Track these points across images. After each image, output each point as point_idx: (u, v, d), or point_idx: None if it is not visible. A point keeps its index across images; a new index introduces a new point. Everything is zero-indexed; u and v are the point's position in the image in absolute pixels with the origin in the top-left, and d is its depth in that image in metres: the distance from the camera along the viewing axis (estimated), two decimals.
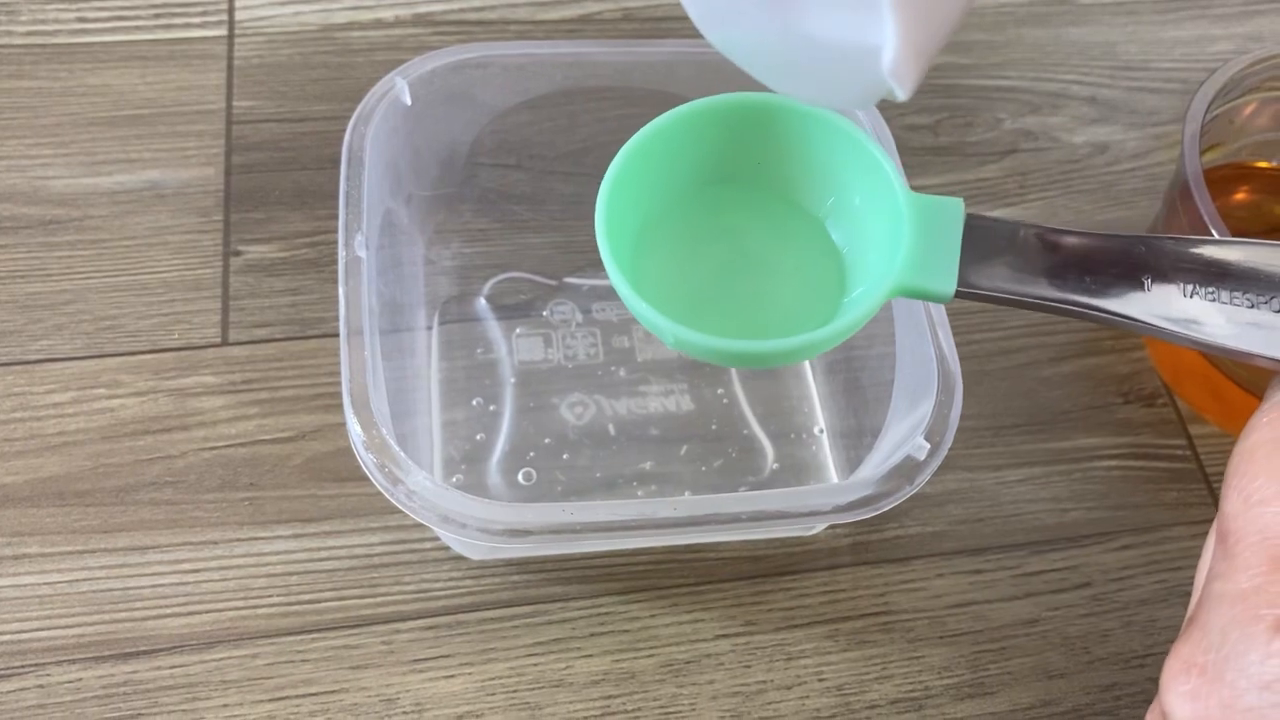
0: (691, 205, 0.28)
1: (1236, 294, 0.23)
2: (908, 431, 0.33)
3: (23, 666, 0.35)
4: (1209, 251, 0.24)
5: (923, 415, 0.32)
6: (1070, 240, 0.25)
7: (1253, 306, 0.23)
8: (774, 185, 0.28)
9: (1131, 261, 0.24)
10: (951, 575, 0.39)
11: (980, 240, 0.25)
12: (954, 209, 0.25)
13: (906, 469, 0.31)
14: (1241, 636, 0.20)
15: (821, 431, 0.41)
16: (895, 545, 0.39)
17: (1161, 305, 0.24)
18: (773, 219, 0.29)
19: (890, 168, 0.26)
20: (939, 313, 0.34)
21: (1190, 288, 0.24)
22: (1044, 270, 0.24)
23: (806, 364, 0.42)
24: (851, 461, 0.39)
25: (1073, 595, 0.39)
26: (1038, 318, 0.44)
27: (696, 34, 0.51)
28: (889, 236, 0.26)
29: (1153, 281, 0.24)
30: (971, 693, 0.37)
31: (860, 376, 0.40)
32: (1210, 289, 0.23)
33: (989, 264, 0.25)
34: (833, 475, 0.40)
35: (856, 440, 0.39)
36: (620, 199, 0.26)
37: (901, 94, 0.21)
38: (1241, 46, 0.54)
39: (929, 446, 0.32)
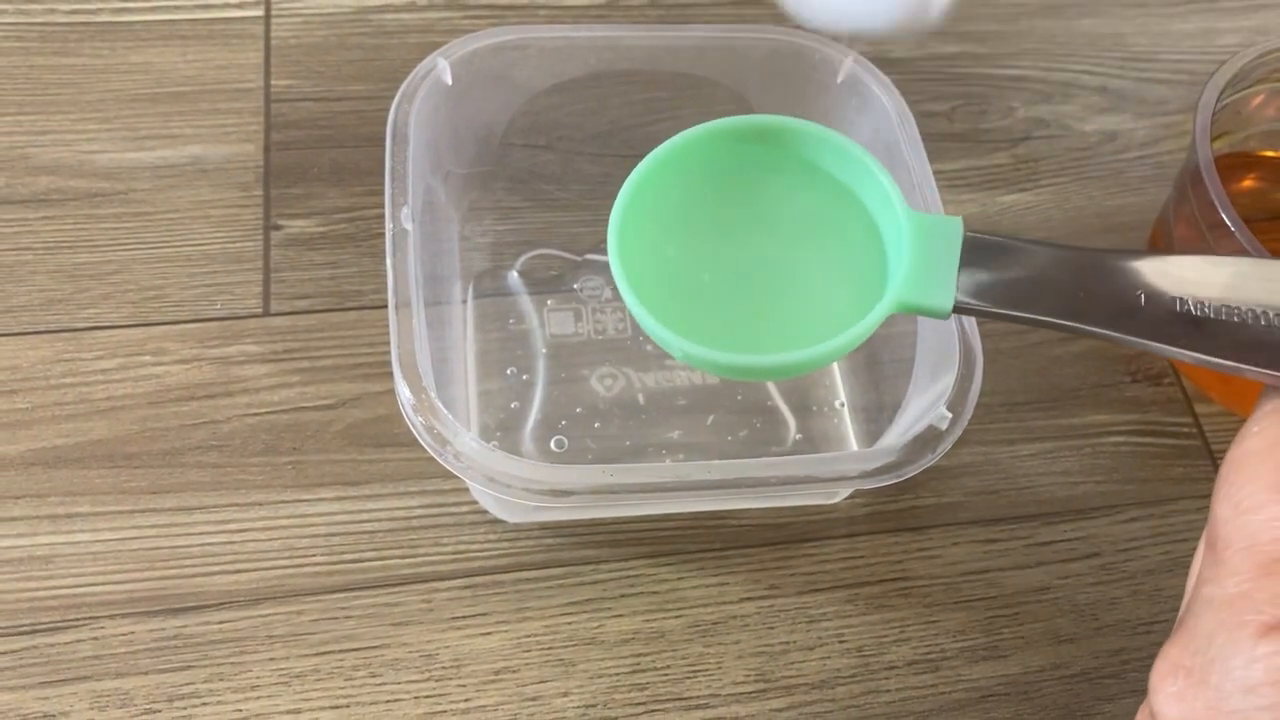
0: (715, 194, 0.29)
1: (1226, 309, 0.24)
2: (929, 403, 0.35)
3: (78, 619, 0.36)
4: (1200, 268, 0.24)
5: (944, 388, 0.34)
6: (1065, 256, 0.25)
7: (1241, 321, 0.23)
8: (802, 165, 0.29)
9: (1125, 278, 0.25)
10: (966, 544, 0.40)
11: (978, 258, 0.26)
12: (953, 228, 0.26)
13: (929, 438, 0.33)
14: (1228, 640, 0.20)
15: (842, 405, 0.42)
16: (912, 515, 0.41)
17: (1153, 321, 0.24)
18: (805, 196, 0.29)
19: (891, 187, 0.27)
20: None
21: (1181, 302, 0.24)
22: (1039, 288, 0.25)
23: None
24: (871, 434, 0.41)
25: (1082, 564, 0.40)
26: None
27: (723, 19, 0.52)
28: (894, 251, 0.27)
29: (1146, 298, 0.24)
30: (985, 655, 0.38)
31: (880, 353, 0.41)
32: (1201, 304, 0.24)
33: (986, 283, 0.25)
34: (853, 447, 0.41)
35: (876, 414, 0.41)
36: (631, 226, 0.28)
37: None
38: (1247, 39, 0.55)
39: (951, 416, 0.33)
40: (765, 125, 0.28)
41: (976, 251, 0.26)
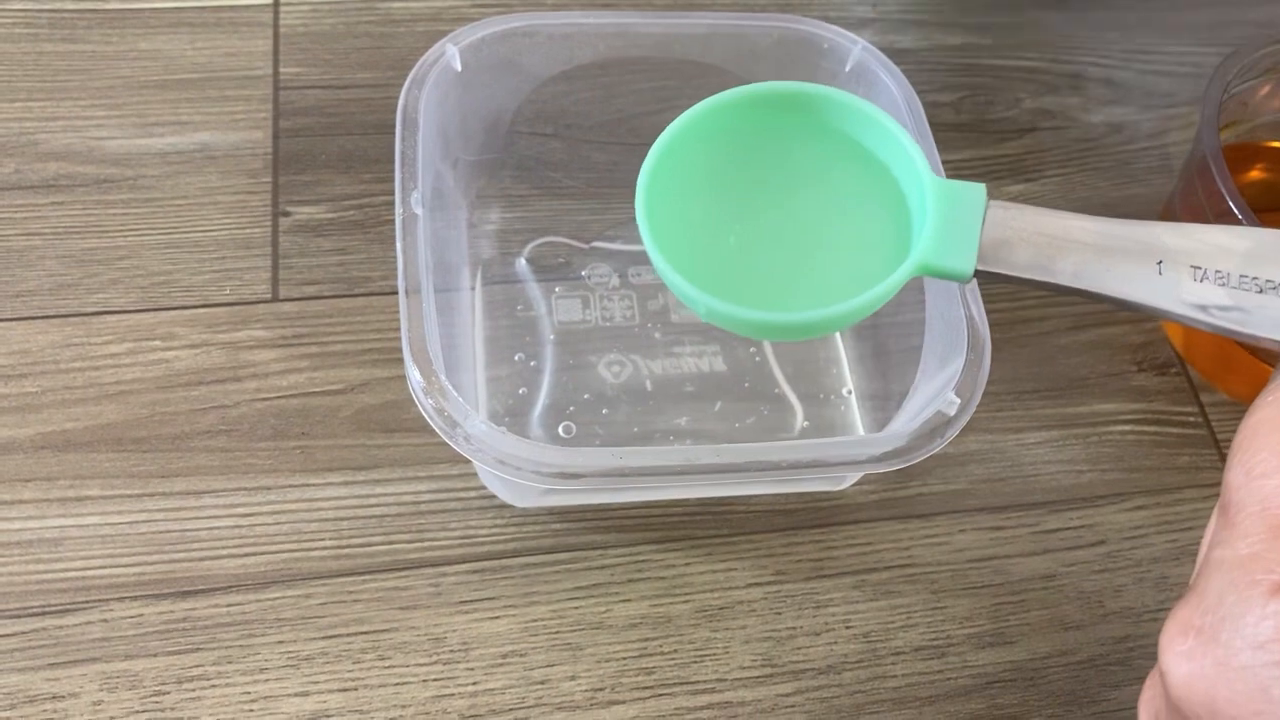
0: (742, 157, 0.29)
1: (1246, 278, 0.24)
2: (937, 390, 0.35)
3: (87, 601, 0.36)
4: (1221, 237, 0.25)
5: (952, 374, 0.34)
6: (1087, 225, 0.25)
7: (1261, 291, 0.24)
8: (828, 132, 0.29)
9: (1145, 246, 0.25)
10: (973, 531, 0.40)
11: (1000, 224, 0.26)
12: (976, 194, 0.26)
13: (937, 424, 0.33)
14: (1238, 600, 0.21)
15: (850, 393, 0.42)
16: (919, 502, 0.41)
17: (1173, 289, 0.24)
18: (831, 162, 0.29)
19: (917, 154, 0.27)
20: None
21: (1201, 272, 0.24)
22: (1060, 254, 0.25)
23: None
24: (879, 422, 0.41)
25: (1088, 552, 0.40)
26: None
27: (732, 6, 0.52)
28: (919, 216, 0.27)
29: (1165, 266, 0.24)
30: (992, 642, 0.38)
31: (889, 341, 0.42)
32: (1220, 273, 0.24)
33: (1007, 247, 0.26)
34: (860, 434, 0.41)
35: (883, 402, 0.41)
36: (659, 187, 0.28)
37: None
38: (1253, 33, 0.56)
39: (959, 402, 0.33)
40: (792, 92, 0.28)
41: (998, 217, 0.26)
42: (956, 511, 0.41)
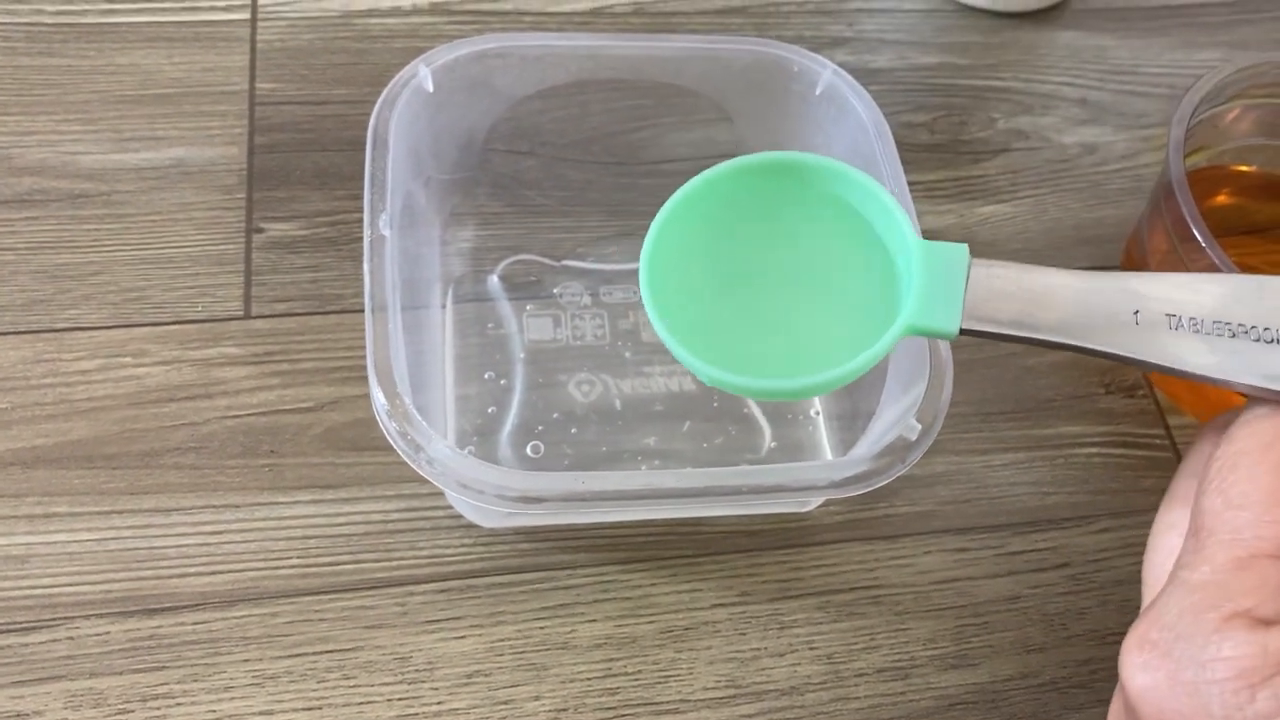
0: (739, 227, 0.31)
1: (1219, 324, 0.25)
2: (900, 414, 0.35)
3: (53, 619, 0.36)
4: (1193, 283, 0.25)
5: (915, 399, 0.34)
6: (1065, 280, 0.26)
7: (1233, 336, 0.24)
8: (820, 198, 0.30)
9: (1120, 297, 0.26)
10: (938, 553, 0.41)
11: (982, 283, 0.27)
12: (959, 255, 0.27)
13: (899, 448, 0.33)
14: (1194, 622, 0.22)
15: (817, 413, 0.43)
16: (885, 523, 0.41)
17: (1149, 338, 0.25)
18: (823, 227, 0.30)
19: (903, 218, 0.28)
20: None
21: (1175, 319, 0.25)
22: (1041, 310, 0.26)
23: None
24: (845, 443, 0.41)
25: (1053, 574, 0.41)
26: None
27: (706, 29, 0.53)
28: (906, 277, 0.28)
29: (1141, 315, 0.25)
30: (955, 664, 0.39)
31: None
32: (1195, 320, 0.25)
33: (991, 305, 0.26)
34: (827, 455, 0.42)
35: (851, 423, 0.41)
36: (660, 260, 0.29)
37: None
38: (1227, 54, 0.56)
39: (920, 427, 0.33)
40: (786, 161, 0.30)
41: (981, 276, 0.27)
42: (922, 533, 0.41)
